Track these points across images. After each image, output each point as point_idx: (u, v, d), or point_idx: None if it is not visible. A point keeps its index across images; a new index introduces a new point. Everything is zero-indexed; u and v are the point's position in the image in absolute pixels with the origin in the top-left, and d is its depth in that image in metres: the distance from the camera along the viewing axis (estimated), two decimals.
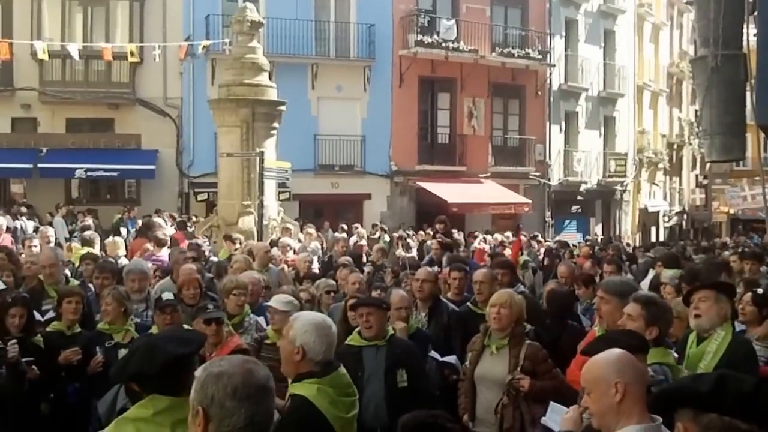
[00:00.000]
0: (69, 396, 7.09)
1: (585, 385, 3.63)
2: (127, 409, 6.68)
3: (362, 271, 11.64)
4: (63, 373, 7.04)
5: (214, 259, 13.42)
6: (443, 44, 30.11)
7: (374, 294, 8.52)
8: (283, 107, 18.51)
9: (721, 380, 2.49)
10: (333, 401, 4.38)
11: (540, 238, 25.36)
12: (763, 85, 2.53)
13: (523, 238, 21.10)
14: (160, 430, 3.32)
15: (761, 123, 2.54)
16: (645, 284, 10.53)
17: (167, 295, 7.20)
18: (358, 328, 6.41)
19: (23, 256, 11.06)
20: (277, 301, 7.16)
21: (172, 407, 3.37)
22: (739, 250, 17.28)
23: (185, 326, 6.61)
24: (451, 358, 7.29)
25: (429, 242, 19.68)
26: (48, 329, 7.33)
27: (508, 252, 19.33)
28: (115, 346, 7.06)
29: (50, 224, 20.68)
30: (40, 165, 24.47)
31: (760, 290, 7.83)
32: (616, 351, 3.57)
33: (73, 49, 23.01)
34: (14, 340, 6.51)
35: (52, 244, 13.02)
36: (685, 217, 49.29)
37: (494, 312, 6.35)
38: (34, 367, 6.67)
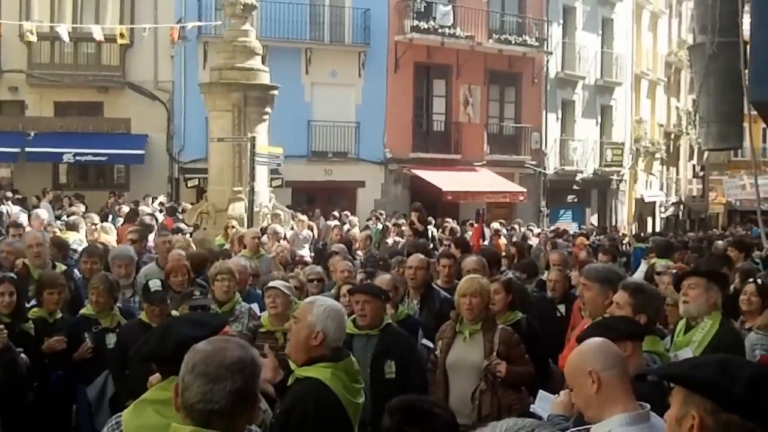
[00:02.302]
0: (52, 384, 7.04)
1: (567, 381, 3.66)
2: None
3: (354, 259, 11.56)
4: (46, 360, 6.99)
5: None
6: (439, 30, 29.99)
7: (359, 278, 8.53)
8: (275, 92, 18.27)
9: (756, 383, 2.40)
10: (346, 386, 4.41)
11: (532, 227, 25.28)
12: (757, 62, 2.47)
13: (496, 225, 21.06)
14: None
15: (753, 100, 2.48)
16: (640, 275, 10.50)
17: (155, 284, 7.05)
18: (353, 316, 6.28)
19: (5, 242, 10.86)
20: (280, 284, 7.03)
21: None
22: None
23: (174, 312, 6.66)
24: None
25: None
26: (29, 316, 7.19)
27: (503, 241, 19.27)
28: (102, 331, 7.11)
29: (36, 209, 20.57)
30: (27, 149, 24.34)
31: (759, 281, 7.80)
32: (591, 341, 3.59)
33: (63, 30, 22.75)
34: (1, 326, 6.41)
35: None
36: (681, 207, 49.34)
37: (466, 302, 6.29)
38: (23, 355, 6.60)
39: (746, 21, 8.92)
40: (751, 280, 8.19)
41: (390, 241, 17.67)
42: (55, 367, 7.05)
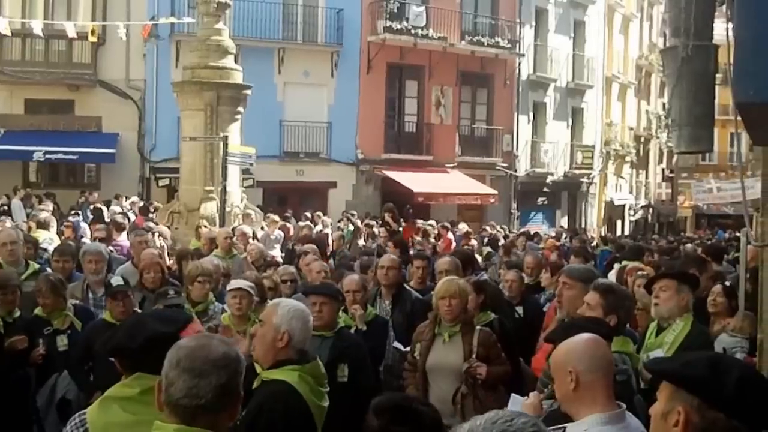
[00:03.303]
0: (17, 383, 6.90)
1: (551, 370, 3.66)
2: (66, 398, 6.53)
3: (326, 260, 11.60)
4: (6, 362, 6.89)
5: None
6: (412, 31, 30.06)
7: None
8: (248, 91, 18.22)
9: (744, 383, 2.43)
10: (313, 389, 4.41)
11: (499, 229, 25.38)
12: (741, 62, 2.53)
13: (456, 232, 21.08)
14: (147, 410, 3.24)
15: (738, 101, 2.52)
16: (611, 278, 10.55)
17: (117, 280, 7.05)
18: None
19: None
20: (243, 283, 7.03)
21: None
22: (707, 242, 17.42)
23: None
24: None
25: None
26: None
27: (473, 243, 19.32)
28: (54, 333, 7.02)
29: (7, 207, 20.36)
30: None
31: (727, 282, 7.99)
32: (579, 338, 3.55)
33: (36, 26, 22.50)
34: None
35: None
36: (650, 210, 49.69)
37: (445, 304, 6.29)
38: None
39: (718, 24, 9.01)
40: (719, 281, 8.31)
41: (361, 242, 17.67)
42: (17, 368, 6.93)
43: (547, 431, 1.95)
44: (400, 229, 18.62)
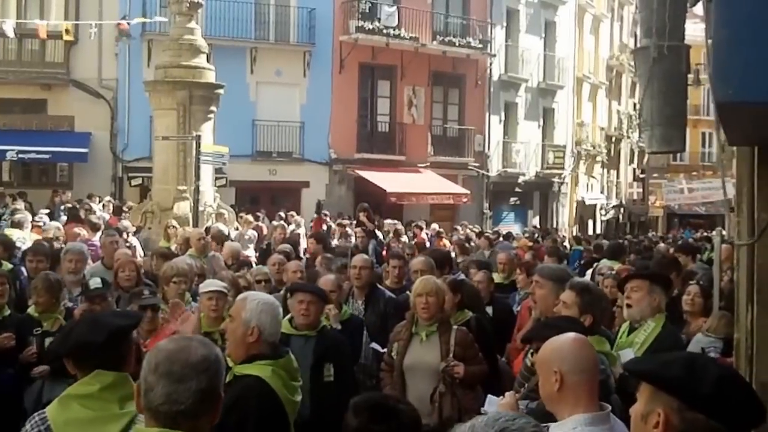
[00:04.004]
0: (3, 382, 6.85)
1: (536, 367, 3.68)
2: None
3: (299, 260, 11.55)
4: None
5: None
6: (384, 31, 30.16)
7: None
8: (221, 90, 18.26)
9: (721, 383, 2.44)
10: (285, 384, 4.42)
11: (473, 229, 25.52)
12: (720, 61, 2.58)
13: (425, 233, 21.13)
14: (108, 406, 3.30)
15: (717, 101, 2.57)
16: (587, 276, 10.69)
17: (95, 282, 7.09)
18: (289, 316, 6.25)
19: None
20: (216, 284, 6.98)
21: (117, 382, 3.36)
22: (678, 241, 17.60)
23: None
24: None
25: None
26: None
27: (446, 243, 19.45)
28: (43, 335, 6.93)
29: None
30: None
31: (701, 282, 8.00)
32: (564, 337, 3.52)
33: (9, 26, 22.35)
34: None
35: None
36: (622, 210, 49.93)
37: (422, 302, 6.31)
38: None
39: (689, 25, 9.10)
40: (692, 281, 8.31)
41: (335, 242, 17.69)
42: (4, 366, 6.88)
43: None
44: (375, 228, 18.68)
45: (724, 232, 8.01)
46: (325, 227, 16.19)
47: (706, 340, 6.80)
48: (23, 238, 11.79)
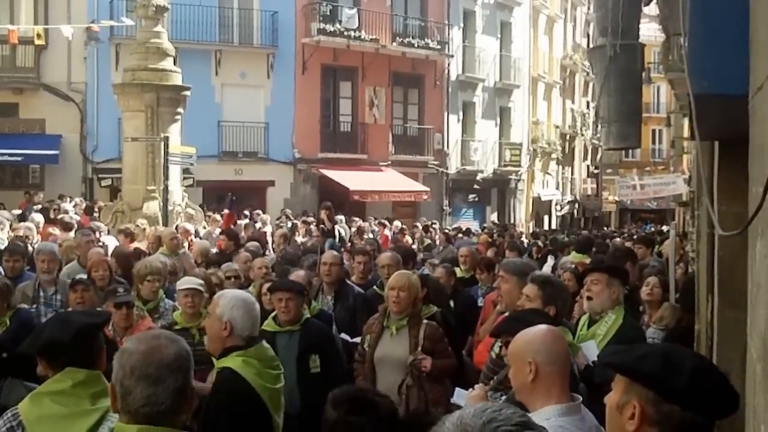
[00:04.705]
0: None
1: (508, 358, 3.72)
2: (6, 407, 6.20)
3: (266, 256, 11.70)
4: None
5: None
6: (345, 33, 30.49)
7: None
8: (187, 92, 18.45)
9: (696, 375, 2.47)
10: (259, 372, 4.48)
11: (436, 225, 26.03)
12: (695, 55, 2.73)
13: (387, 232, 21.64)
14: (80, 402, 3.34)
15: (695, 93, 2.75)
16: (547, 269, 10.89)
17: (81, 277, 7.29)
18: (273, 314, 6.39)
19: None
20: (192, 282, 7.10)
21: (89, 379, 3.39)
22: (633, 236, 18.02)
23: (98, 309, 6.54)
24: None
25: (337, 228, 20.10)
26: None
27: (408, 239, 19.96)
28: None
29: None
30: None
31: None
32: (537, 329, 3.54)
33: None
34: None
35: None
36: (576, 206, 50.45)
37: (393, 295, 6.34)
38: None
39: (643, 24, 9.48)
40: (653, 273, 8.46)
41: (299, 239, 18.09)
42: None
43: (533, 422, 1.93)
44: (335, 227, 19.01)
45: (672, 223, 8.42)
46: (233, 225, 16.28)
47: (651, 330, 7.01)
48: (2, 240, 11.76)
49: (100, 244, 11.77)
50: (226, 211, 16.89)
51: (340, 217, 21.19)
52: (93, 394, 3.36)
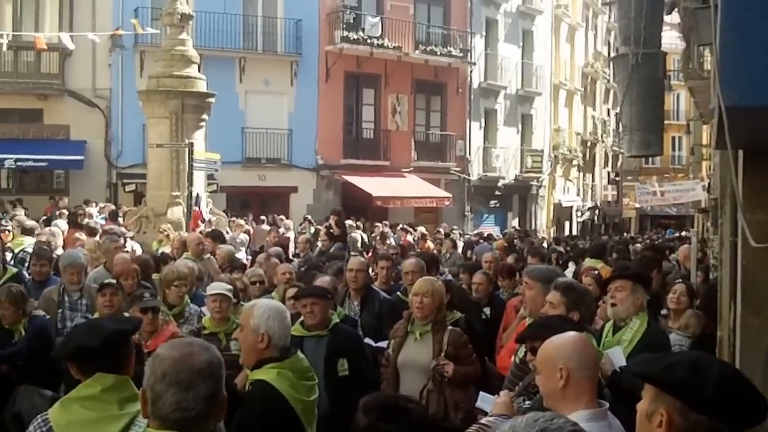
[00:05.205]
0: None
1: (536, 364, 3.71)
2: (20, 413, 6.52)
3: (289, 262, 11.72)
4: None
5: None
6: (368, 41, 30.57)
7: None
8: (212, 99, 18.58)
9: (724, 385, 2.48)
10: (293, 384, 4.41)
11: (456, 231, 26.07)
12: (726, 66, 2.72)
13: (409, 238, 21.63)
14: (108, 408, 3.35)
15: (727, 105, 2.74)
16: (569, 274, 10.77)
17: (111, 281, 7.27)
18: (301, 319, 6.38)
19: None
20: (221, 287, 7.11)
21: (118, 385, 3.40)
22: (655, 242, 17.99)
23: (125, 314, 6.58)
24: (384, 344, 7.25)
25: (353, 234, 20.25)
26: None
27: (430, 245, 20.01)
28: (12, 346, 6.93)
29: None
30: None
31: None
32: (567, 335, 3.56)
33: (2, 39, 22.69)
34: None
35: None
36: (597, 212, 50.37)
37: (417, 301, 6.36)
38: None
39: (665, 33, 9.49)
40: (679, 280, 8.55)
41: (320, 244, 18.16)
42: None
43: (583, 430, 2.01)
44: (346, 232, 18.94)
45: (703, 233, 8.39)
46: (201, 223, 16.25)
47: (676, 338, 7.01)
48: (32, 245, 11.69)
49: (126, 249, 11.81)
50: (195, 208, 16.85)
51: (350, 223, 21.15)
52: (121, 400, 3.38)
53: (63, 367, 3.76)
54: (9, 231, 13.85)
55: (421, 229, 23.88)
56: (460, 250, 18.91)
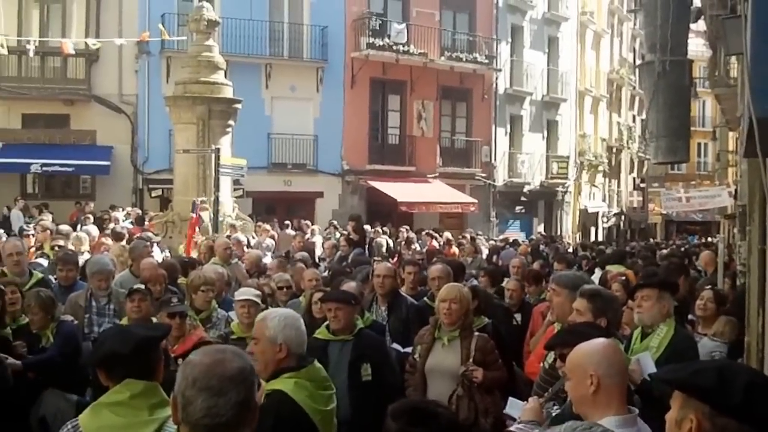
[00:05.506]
0: (19, 391, 6.52)
1: (566, 370, 3.74)
2: (45, 418, 6.45)
3: (316, 267, 11.86)
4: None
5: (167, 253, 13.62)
6: (394, 47, 30.64)
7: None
8: (238, 105, 18.66)
9: (752, 389, 2.51)
10: (311, 394, 4.36)
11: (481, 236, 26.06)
12: (758, 77, 2.66)
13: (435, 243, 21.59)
14: (138, 413, 3.36)
15: (759, 116, 2.69)
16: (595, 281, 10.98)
17: (138, 287, 7.27)
18: (327, 322, 6.41)
19: None
20: (249, 293, 7.25)
21: (147, 391, 3.42)
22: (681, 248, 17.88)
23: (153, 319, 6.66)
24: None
25: (378, 239, 20.30)
26: None
27: (455, 251, 20.01)
28: (41, 350, 6.91)
29: (7, 217, 20.74)
30: None
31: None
32: (597, 342, 3.60)
33: (30, 46, 22.94)
34: None
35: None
36: (622, 218, 50.28)
37: (445, 307, 6.38)
38: (11, 359, 6.41)
39: (691, 40, 9.48)
40: (708, 287, 8.54)
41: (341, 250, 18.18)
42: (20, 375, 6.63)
43: None
44: (365, 237, 18.94)
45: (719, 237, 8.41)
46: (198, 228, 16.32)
47: (712, 344, 7.04)
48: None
49: (153, 254, 11.68)
50: (192, 215, 16.92)
51: (372, 228, 21.10)
52: (151, 405, 3.39)
53: (91, 372, 3.71)
54: (32, 235, 14.00)
55: (447, 234, 23.88)
56: (484, 255, 18.90)
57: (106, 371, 3.53)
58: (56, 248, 10.79)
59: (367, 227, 20.21)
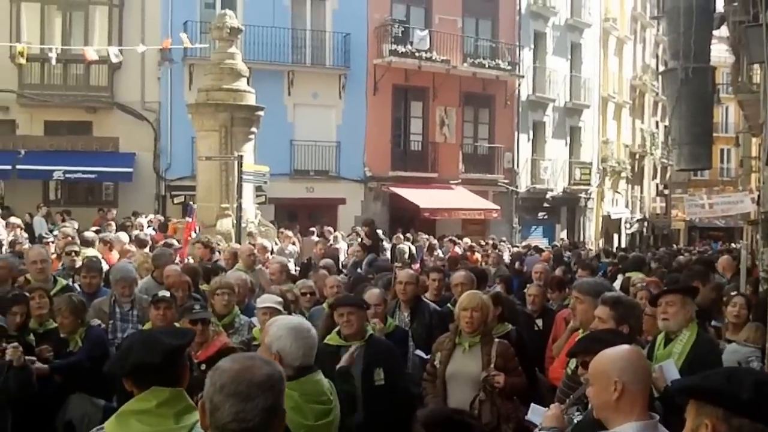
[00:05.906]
0: (47, 393, 6.65)
1: (589, 376, 3.74)
2: (72, 422, 6.53)
3: (339, 274, 11.93)
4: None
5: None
6: (416, 54, 30.63)
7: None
8: (261, 112, 18.71)
9: (760, 387, 2.56)
10: (297, 407, 4.24)
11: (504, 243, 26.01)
12: None
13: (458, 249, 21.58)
14: (164, 422, 3.35)
15: None
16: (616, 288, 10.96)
17: (163, 293, 7.32)
18: (337, 328, 6.44)
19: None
20: (270, 300, 7.27)
21: (173, 398, 3.41)
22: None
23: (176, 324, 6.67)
24: None
25: (401, 245, 20.32)
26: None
27: (477, 257, 19.99)
28: (68, 355, 6.96)
29: (30, 224, 20.86)
30: (18, 167, 24.32)
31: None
32: (621, 349, 3.61)
33: (52, 54, 23.05)
34: (15, 343, 6.33)
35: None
36: (645, 224, 50.20)
37: (467, 315, 6.44)
38: (38, 363, 6.52)
39: (714, 47, 9.43)
40: (734, 293, 8.56)
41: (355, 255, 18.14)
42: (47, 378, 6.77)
43: None
44: (380, 242, 18.90)
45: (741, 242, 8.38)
46: (193, 232, 16.23)
47: (746, 350, 7.07)
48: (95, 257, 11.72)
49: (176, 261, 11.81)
50: (188, 219, 16.75)
51: (387, 233, 21.00)
52: (177, 413, 3.38)
53: (117, 379, 3.72)
54: (52, 242, 14.10)
55: (466, 239, 23.84)
56: (507, 261, 18.87)
57: (133, 380, 3.53)
58: (73, 254, 10.80)
59: (379, 231, 20.17)
